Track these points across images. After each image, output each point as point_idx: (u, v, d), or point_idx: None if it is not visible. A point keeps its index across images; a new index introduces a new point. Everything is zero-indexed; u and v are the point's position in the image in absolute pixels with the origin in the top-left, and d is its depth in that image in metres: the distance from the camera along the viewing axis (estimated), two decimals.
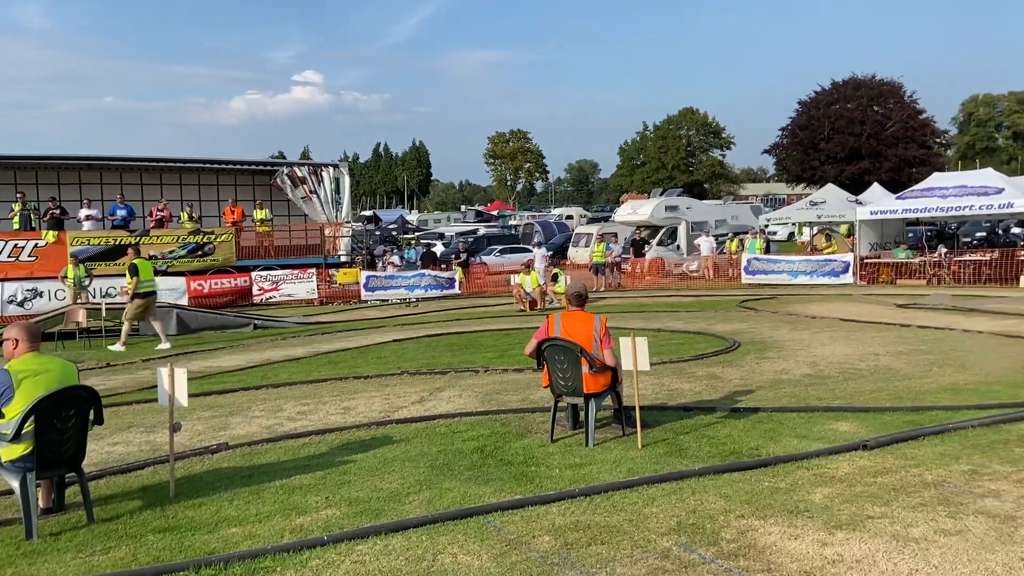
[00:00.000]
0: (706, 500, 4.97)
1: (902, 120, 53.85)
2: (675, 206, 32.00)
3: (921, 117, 55.60)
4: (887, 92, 55.63)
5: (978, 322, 13.15)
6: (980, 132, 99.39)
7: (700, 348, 11.44)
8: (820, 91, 57.19)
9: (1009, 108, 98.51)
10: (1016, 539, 4.18)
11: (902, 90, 55.85)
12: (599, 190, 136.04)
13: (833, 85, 56.76)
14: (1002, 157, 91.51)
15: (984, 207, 21.09)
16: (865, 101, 55.08)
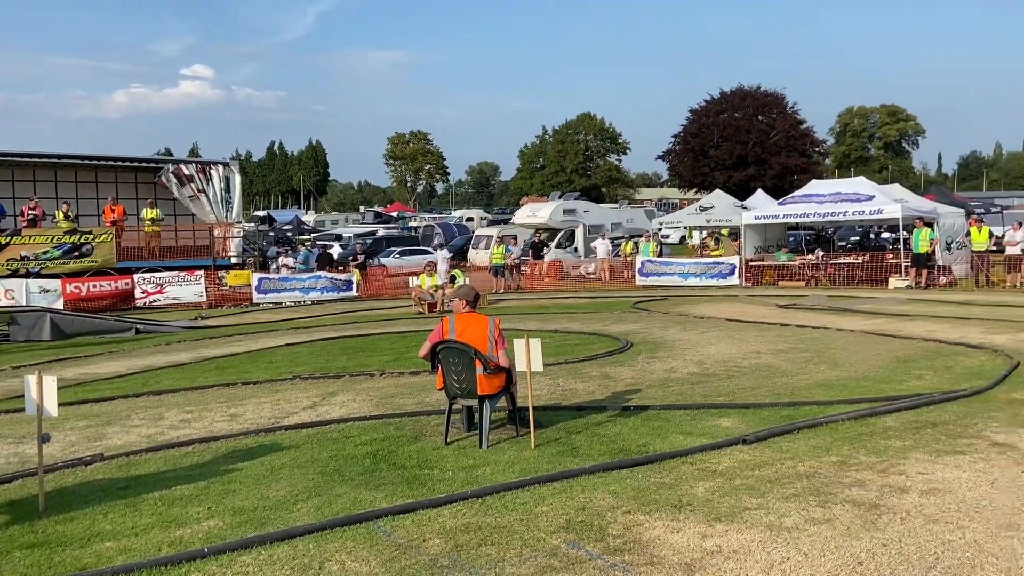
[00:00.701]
0: (595, 497, 5.07)
1: (785, 130, 56.66)
2: (573, 209, 32.55)
3: (802, 127, 58.63)
4: (771, 103, 58.40)
5: (850, 321, 13.97)
6: (855, 142, 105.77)
7: (595, 349, 11.68)
8: (710, 100, 59.48)
9: (880, 120, 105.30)
10: (879, 526, 4.45)
11: (784, 101, 58.78)
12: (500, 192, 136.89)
13: (722, 94, 59.15)
14: (874, 166, 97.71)
15: (857, 213, 22.45)
16: (751, 111, 57.66)
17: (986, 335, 11.58)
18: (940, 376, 8.76)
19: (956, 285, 20.90)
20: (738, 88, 58.92)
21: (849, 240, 33.61)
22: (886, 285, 21.17)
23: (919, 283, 20.52)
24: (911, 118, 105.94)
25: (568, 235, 31.66)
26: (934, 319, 13.86)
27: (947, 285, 20.71)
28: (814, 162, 60.06)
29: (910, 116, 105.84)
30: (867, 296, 18.87)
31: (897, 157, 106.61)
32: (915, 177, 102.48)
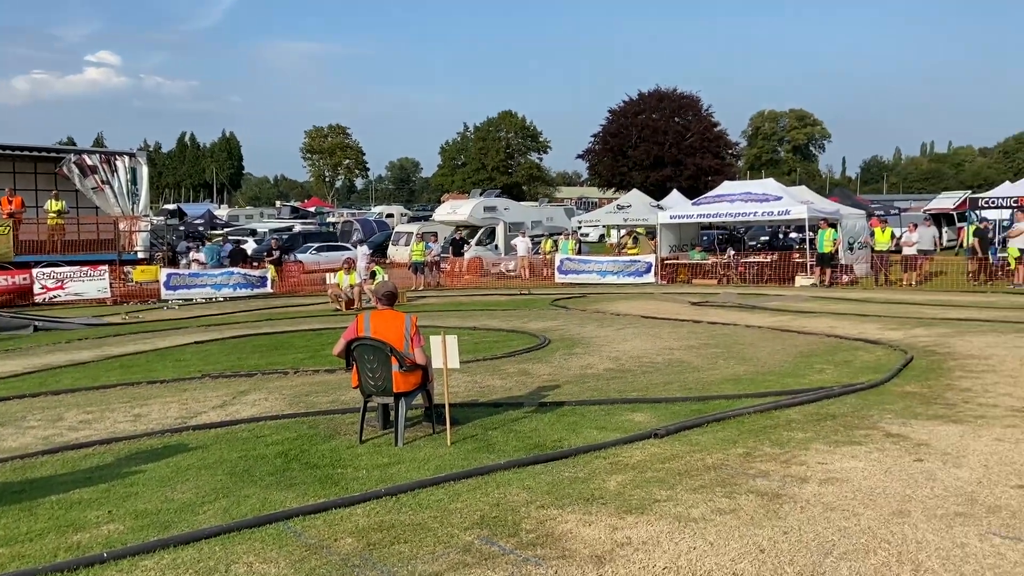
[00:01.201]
0: (510, 493, 5.10)
1: (700, 132, 58.20)
2: (493, 207, 32.64)
3: (716, 129, 60.34)
4: (687, 105, 59.86)
5: (758, 318, 14.47)
6: (766, 145, 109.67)
7: (513, 345, 11.74)
8: (628, 101, 60.53)
9: (789, 124, 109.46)
10: (781, 514, 4.63)
11: (700, 103, 60.37)
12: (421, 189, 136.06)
13: (640, 96, 60.27)
14: (784, 168, 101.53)
15: (766, 213, 23.25)
16: (668, 112, 58.97)
17: (883, 331, 12.17)
18: (840, 370, 9.16)
19: (857, 283, 21.90)
20: (656, 90, 60.18)
21: (759, 240, 34.80)
22: (793, 283, 22.00)
23: (823, 281, 21.41)
24: (818, 123, 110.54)
25: (489, 233, 31.73)
26: (836, 316, 14.49)
27: (849, 283, 21.69)
28: (727, 164, 61.88)
29: (817, 121, 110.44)
30: (775, 294, 19.57)
31: (805, 160, 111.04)
32: (821, 180, 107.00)
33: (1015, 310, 14.55)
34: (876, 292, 19.68)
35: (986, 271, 20.56)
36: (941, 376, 8.56)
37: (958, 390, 7.84)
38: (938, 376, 8.57)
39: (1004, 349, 10.09)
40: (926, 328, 12.40)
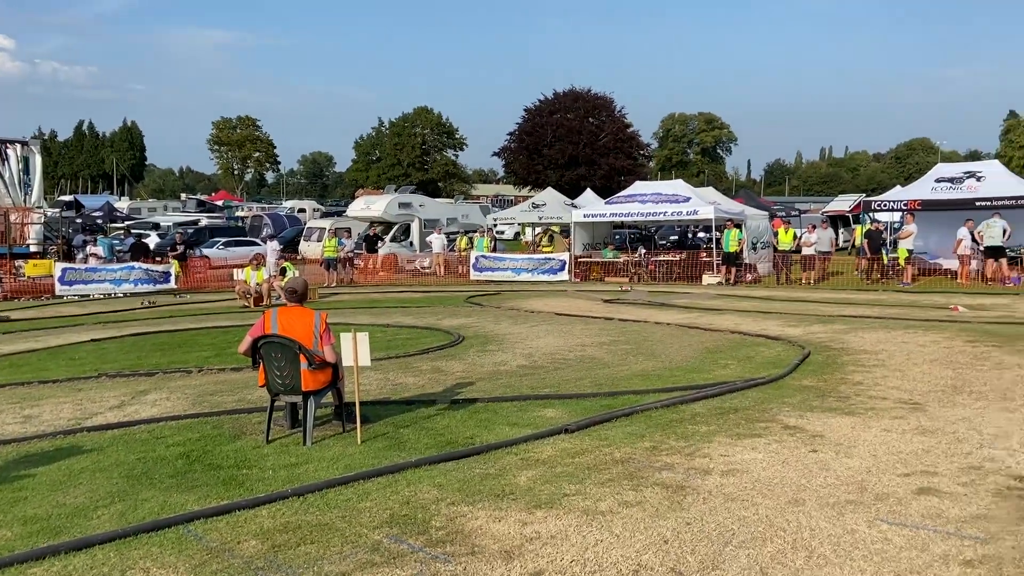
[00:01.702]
0: (420, 491, 5.07)
1: (613, 132, 59.32)
2: (409, 203, 32.33)
3: (629, 131, 61.65)
4: (600, 105, 60.92)
5: (667, 315, 14.84)
6: (676, 147, 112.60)
7: (427, 343, 11.68)
8: (544, 100, 61.14)
9: (698, 127, 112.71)
10: (684, 506, 4.76)
11: (613, 105, 61.52)
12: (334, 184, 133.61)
13: (555, 95, 60.95)
14: (693, 170, 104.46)
15: (675, 213, 23.88)
16: (582, 112, 59.87)
17: (783, 328, 12.68)
18: (743, 365, 9.49)
19: (760, 282, 22.75)
20: (571, 90, 60.99)
21: (669, 239, 35.70)
22: (700, 281, 22.66)
23: (728, 280, 22.14)
24: (725, 126, 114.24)
25: (403, 229, 31.45)
26: (740, 313, 15.00)
27: (752, 282, 22.51)
28: (639, 164, 63.29)
29: (724, 124, 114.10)
30: (683, 292, 20.12)
31: (713, 162, 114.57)
32: (728, 181, 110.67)
33: (903, 308, 15.40)
34: (778, 290, 20.48)
35: (879, 270, 21.67)
36: (836, 371, 8.98)
37: (851, 384, 8.24)
38: (833, 371, 8.98)
39: (893, 345, 10.66)
40: (823, 325, 12.97)
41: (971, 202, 21.05)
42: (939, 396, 7.55)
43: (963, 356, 9.64)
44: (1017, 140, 56.62)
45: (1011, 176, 23.31)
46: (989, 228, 20.14)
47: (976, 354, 9.76)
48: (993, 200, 20.56)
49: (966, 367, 8.94)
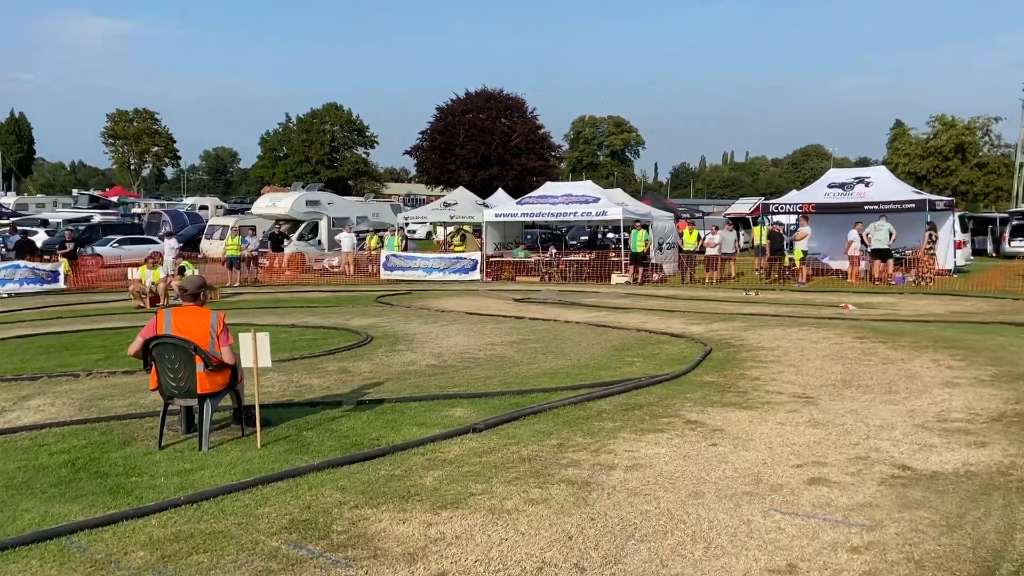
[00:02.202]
0: (322, 494, 4.94)
1: (525, 133, 59.71)
2: (317, 201, 31.62)
3: (540, 132, 62.18)
4: (513, 106, 61.22)
5: (576, 314, 15.02)
6: (587, 148, 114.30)
7: (334, 343, 11.44)
8: (456, 99, 60.97)
9: (608, 130, 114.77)
10: (589, 501, 4.80)
11: (525, 106, 61.93)
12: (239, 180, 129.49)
13: (467, 95, 60.88)
14: (603, 172, 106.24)
15: (585, 214, 24.22)
16: (494, 113, 60.02)
17: (687, 325, 13.02)
18: (648, 362, 9.69)
19: (666, 281, 23.33)
20: (483, 90, 61.04)
21: (579, 239, 36.20)
22: (609, 281, 23.06)
23: (636, 279, 22.61)
24: (633, 129, 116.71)
25: (311, 227, 30.74)
26: (646, 311, 15.32)
27: (658, 281, 23.05)
28: (551, 165, 63.96)
29: (632, 128, 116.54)
30: (592, 291, 20.41)
31: (622, 164, 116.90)
32: (636, 183, 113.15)
33: (798, 306, 16.07)
34: (682, 289, 21.03)
35: (778, 270, 22.55)
36: (735, 366, 9.27)
37: (749, 379, 8.52)
38: (732, 366, 9.27)
39: (788, 341, 11.10)
40: (724, 322, 13.39)
41: (860, 206, 22.19)
42: (830, 390, 7.89)
43: (852, 352, 10.12)
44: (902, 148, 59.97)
45: (897, 182, 24.71)
46: (876, 231, 21.26)
47: (864, 350, 10.26)
48: (880, 204, 21.72)
49: (855, 362, 9.39)
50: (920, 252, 21.06)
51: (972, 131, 56.54)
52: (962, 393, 7.62)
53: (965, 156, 55.93)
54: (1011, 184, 51.59)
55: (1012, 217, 34.77)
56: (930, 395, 7.57)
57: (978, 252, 31.75)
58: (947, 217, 22.85)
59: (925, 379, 8.33)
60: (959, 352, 9.92)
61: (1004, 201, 54.25)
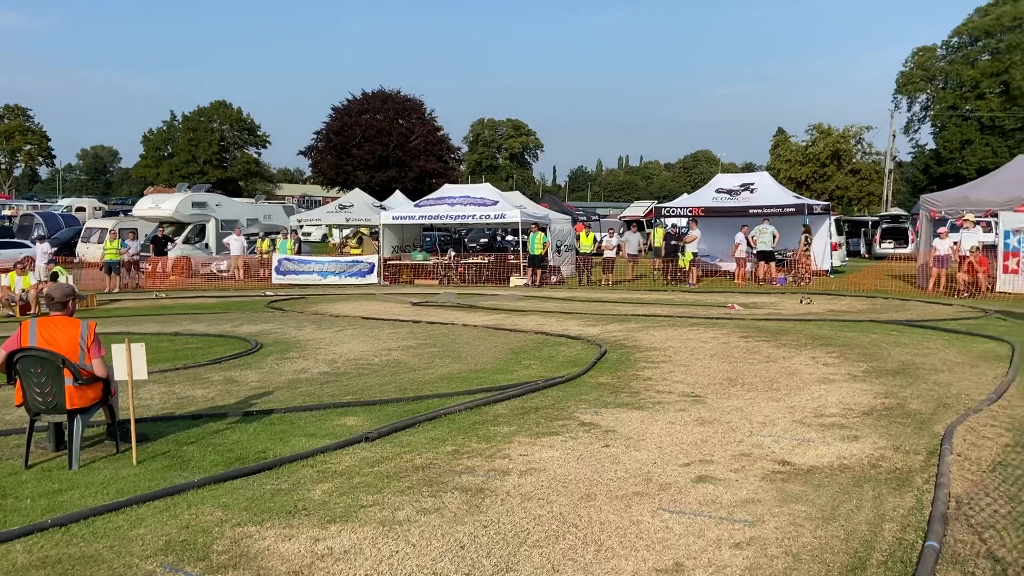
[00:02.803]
0: (202, 513, 4.71)
1: (424, 135, 59.29)
2: (203, 202, 30.38)
3: (439, 133, 61.87)
4: (410, 107, 60.65)
5: (475, 317, 15.01)
6: (486, 151, 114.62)
7: (220, 351, 10.99)
8: (352, 100, 59.91)
9: (507, 133, 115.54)
10: (482, 508, 4.77)
11: (424, 107, 61.50)
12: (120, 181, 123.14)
13: (364, 95, 59.93)
14: (502, 175, 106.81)
15: (483, 216, 24.26)
16: (392, 114, 59.30)
17: (583, 327, 13.22)
18: (545, 365, 9.76)
19: (564, 283, 23.65)
20: (380, 91, 60.23)
21: (479, 242, 36.26)
22: (508, 283, 23.18)
23: (534, 282, 22.82)
24: (532, 133, 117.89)
25: (198, 230, 29.53)
26: (544, 314, 15.48)
27: (556, 283, 23.35)
28: (450, 167, 63.75)
29: (531, 131, 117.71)
30: (491, 294, 20.45)
31: (521, 167, 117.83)
32: (535, 186, 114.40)
33: (688, 306, 16.60)
34: (579, 291, 21.37)
35: (672, 272, 23.23)
36: (628, 367, 9.47)
37: (642, 379, 8.71)
38: (626, 367, 9.46)
39: (679, 342, 11.43)
40: (619, 324, 13.67)
41: (746, 210, 23.17)
42: (717, 388, 8.16)
43: (738, 351, 10.51)
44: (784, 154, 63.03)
45: (779, 187, 25.93)
46: (761, 234, 22.24)
47: (749, 348, 10.68)
48: (764, 208, 22.74)
49: (740, 361, 9.75)
50: (798, 254, 22.15)
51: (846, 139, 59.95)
52: (837, 389, 8.03)
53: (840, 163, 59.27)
54: (881, 189, 55.04)
55: (882, 220, 37.15)
56: (808, 391, 7.94)
57: (852, 253, 33.72)
58: (824, 220, 24.14)
59: (804, 376, 8.73)
60: (835, 349, 10.47)
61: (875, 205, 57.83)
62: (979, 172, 43.51)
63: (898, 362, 9.48)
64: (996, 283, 17.78)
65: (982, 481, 5.09)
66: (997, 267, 17.85)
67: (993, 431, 6.27)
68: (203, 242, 29.34)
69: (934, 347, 10.58)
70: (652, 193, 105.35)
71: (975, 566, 3.83)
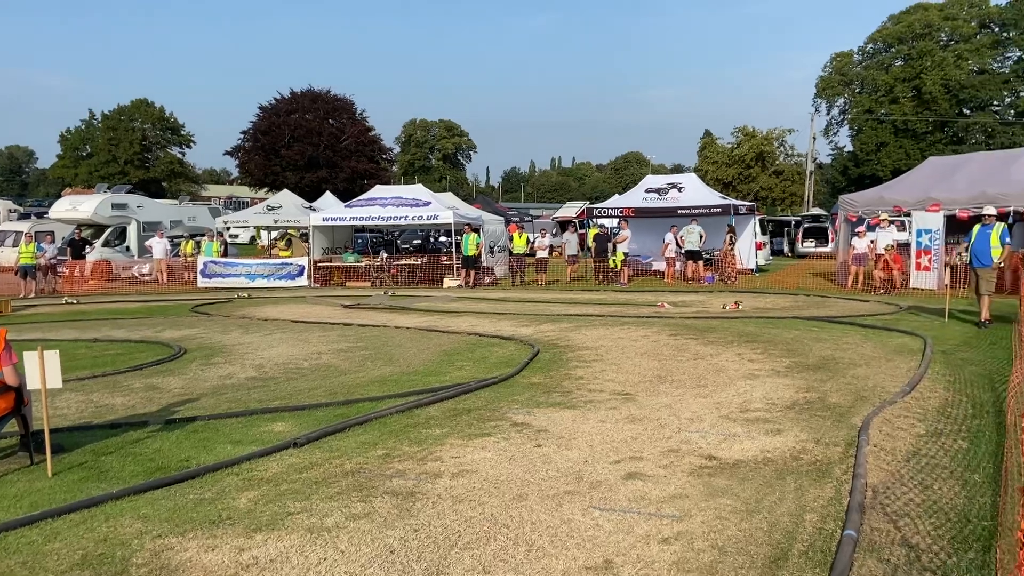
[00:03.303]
0: (121, 525, 4.54)
1: (355, 135, 58.55)
2: (124, 204, 29.37)
3: (371, 134, 61.19)
4: (341, 107, 59.83)
5: (407, 319, 14.89)
6: (418, 152, 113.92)
7: (141, 358, 10.63)
8: (280, 99, 58.74)
9: (439, 133, 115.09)
10: (413, 512, 4.72)
11: (354, 107, 60.73)
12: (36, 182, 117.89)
13: (292, 94, 58.84)
14: (435, 175, 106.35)
15: (416, 218, 24.12)
16: (322, 113, 58.38)
17: (516, 328, 13.26)
18: (478, 366, 9.75)
19: (497, 284, 23.69)
20: (309, 90, 59.24)
21: (412, 243, 36.01)
22: (441, 285, 23.09)
23: (468, 283, 22.79)
24: (464, 134, 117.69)
25: (118, 232, 28.52)
26: (477, 315, 15.46)
27: (490, 284, 23.37)
28: (382, 168, 63.10)
29: (463, 132, 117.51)
30: (424, 295, 20.34)
31: (454, 168, 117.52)
32: (469, 187, 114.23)
33: (620, 306, 16.83)
34: (512, 292, 21.43)
35: (603, 272, 23.51)
36: (561, 367, 9.53)
37: (574, 379, 8.78)
38: (558, 367, 9.52)
39: (610, 341, 11.57)
40: (552, 324, 13.76)
41: (674, 210, 23.64)
42: (647, 386, 8.29)
43: (667, 348, 10.70)
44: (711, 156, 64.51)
45: (706, 188, 26.56)
46: (689, 234, 22.73)
47: (677, 346, 10.88)
48: (692, 209, 23.23)
49: (669, 358, 9.93)
50: (723, 253, 22.71)
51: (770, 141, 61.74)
52: (761, 384, 8.26)
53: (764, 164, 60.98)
54: (803, 190, 56.88)
55: (804, 220, 38.39)
56: (734, 387, 8.14)
57: (776, 252, 34.75)
58: (749, 220, 24.81)
59: (730, 372, 8.95)
60: (759, 346, 10.76)
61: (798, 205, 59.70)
62: (893, 173, 45.43)
63: (819, 357, 9.81)
64: (910, 280, 18.57)
65: (897, 471, 5.30)
66: (911, 264, 18.65)
67: (907, 422, 6.54)
68: (124, 245, 28.38)
69: (852, 342, 10.98)
70: (584, 194, 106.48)
71: (891, 553, 3.99)
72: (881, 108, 61.04)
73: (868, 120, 61.41)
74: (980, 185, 18.07)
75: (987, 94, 58.66)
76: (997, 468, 5.26)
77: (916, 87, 59.30)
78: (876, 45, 63.77)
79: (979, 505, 4.62)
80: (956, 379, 8.30)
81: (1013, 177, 17.78)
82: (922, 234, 18.43)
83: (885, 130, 60.50)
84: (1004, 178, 17.92)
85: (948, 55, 58.26)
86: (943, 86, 58.00)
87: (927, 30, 59.57)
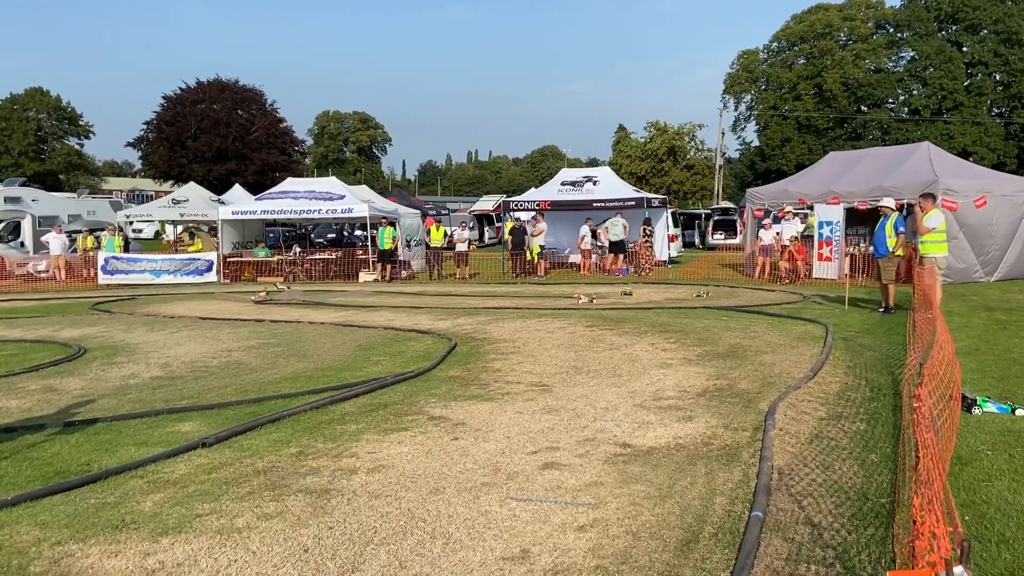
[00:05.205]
0: (18, 532, 4.30)
1: (265, 127, 57.02)
2: (18, 197, 27.84)
3: (282, 126, 59.71)
4: (250, 98, 58.18)
5: (322, 314, 14.61)
6: (332, 144, 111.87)
7: (37, 358, 10.09)
8: (186, 89, 56.71)
9: (353, 126, 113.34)
10: (328, 510, 4.64)
11: (264, 98, 59.13)
12: None
13: (198, 84, 56.87)
14: (350, 168, 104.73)
15: (330, 211, 23.67)
16: (230, 104, 56.64)
17: (434, 321, 13.19)
18: (394, 360, 9.65)
19: (414, 278, 23.51)
20: (216, 80, 57.36)
21: (326, 237, 35.36)
22: (357, 279, 22.75)
23: (385, 277, 22.53)
24: (379, 126, 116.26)
25: (11, 228, 26.97)
26: (394, 309, 15.31)
27: (407, 278, 23.17)
28: (295, 160, 61.70)
29: (378, 124, 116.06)
30: (340, 290, 20.00)
31: (369, 161, 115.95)
32: (384, 181, 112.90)
33: (537, 298, 16.96)
34: (430, 285, 21.31)
35: (520, 265, 23.63)
36: (479, 360, 9.54)
37: (491, 371, 8.80)
38: (476, 360, 9.52)
39: (527, 333, 11.65)
40: (469, 317, 13.75)
41: (590, 203, 23.95)
42: (563, 377, 8.38)
43: (583, 340, 10.85)
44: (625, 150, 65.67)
45: (620, 181, 26.99)
46: (613, 226, 23.10)
47: (593, 337, 11.05)
48: (606, 202, 23.60)
49: (585, 349, 10.07)
50: (639, 245, 23.18)
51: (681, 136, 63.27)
52: (674, 373, 8.46)
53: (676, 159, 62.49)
54: (713, 184, 58.62)
55: (714, 213, 39.55)
56: (648, 376, 8.31)
57: (688, 244, 35.69)
58: (662, 213, 25.39)
59: (644, 361, 9.14)
60: (672, 335, 11.03)
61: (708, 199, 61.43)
62: (797, 167, 47.34)
63: (728, 345, 10.12)
64: (812, 270, 19.38)
65: (801, 453, 5.52)
66: (813, 255, 19.46)
67: (810, 406, 6.82)
68: (18, 240, 26.86)
69: (759, 330, 11.38)
70: (501, 187, 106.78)
71: (795, 532, 4.15)
72: (785, 105, 63.42)
73: (773, 116, 63.73)
74: (877, 179, 18.99)
75: (883, 92, 61.74)
76: (894, 448, 5.54)
77: (818, 84, 61.85)
78: (780, 43, 66.17)
79: (877, 484, 4.86)
80: (856, 364, 8.71)
81: (907, 171, 18.75)
82: (823, 226, 19.24)
83: (789, 126, 62.91)
84: (899, 172, 18.88)
85: (847, 54, 61.04)
86: (842, 84, 60.75)
87: (827, 30, 62.17)
